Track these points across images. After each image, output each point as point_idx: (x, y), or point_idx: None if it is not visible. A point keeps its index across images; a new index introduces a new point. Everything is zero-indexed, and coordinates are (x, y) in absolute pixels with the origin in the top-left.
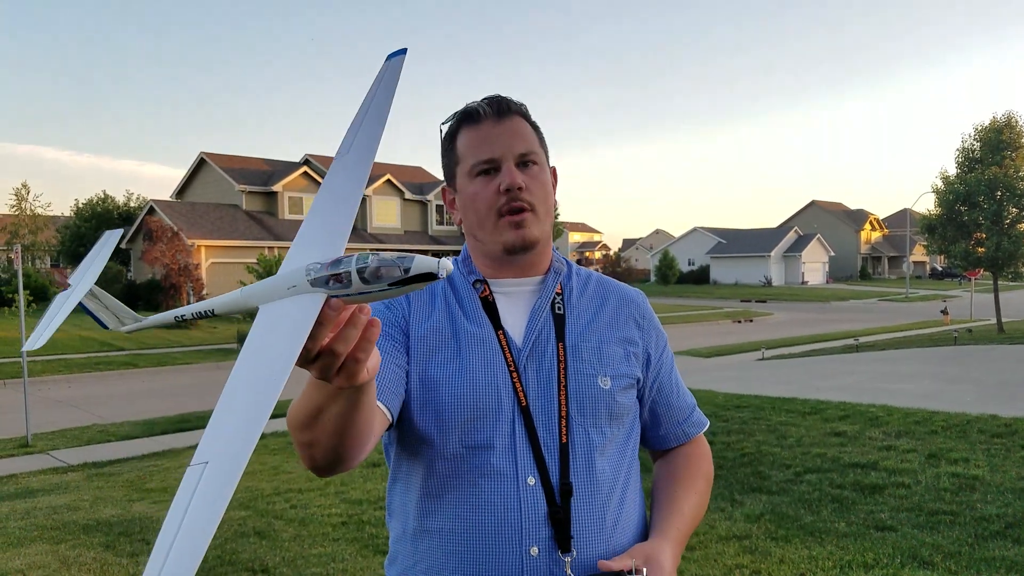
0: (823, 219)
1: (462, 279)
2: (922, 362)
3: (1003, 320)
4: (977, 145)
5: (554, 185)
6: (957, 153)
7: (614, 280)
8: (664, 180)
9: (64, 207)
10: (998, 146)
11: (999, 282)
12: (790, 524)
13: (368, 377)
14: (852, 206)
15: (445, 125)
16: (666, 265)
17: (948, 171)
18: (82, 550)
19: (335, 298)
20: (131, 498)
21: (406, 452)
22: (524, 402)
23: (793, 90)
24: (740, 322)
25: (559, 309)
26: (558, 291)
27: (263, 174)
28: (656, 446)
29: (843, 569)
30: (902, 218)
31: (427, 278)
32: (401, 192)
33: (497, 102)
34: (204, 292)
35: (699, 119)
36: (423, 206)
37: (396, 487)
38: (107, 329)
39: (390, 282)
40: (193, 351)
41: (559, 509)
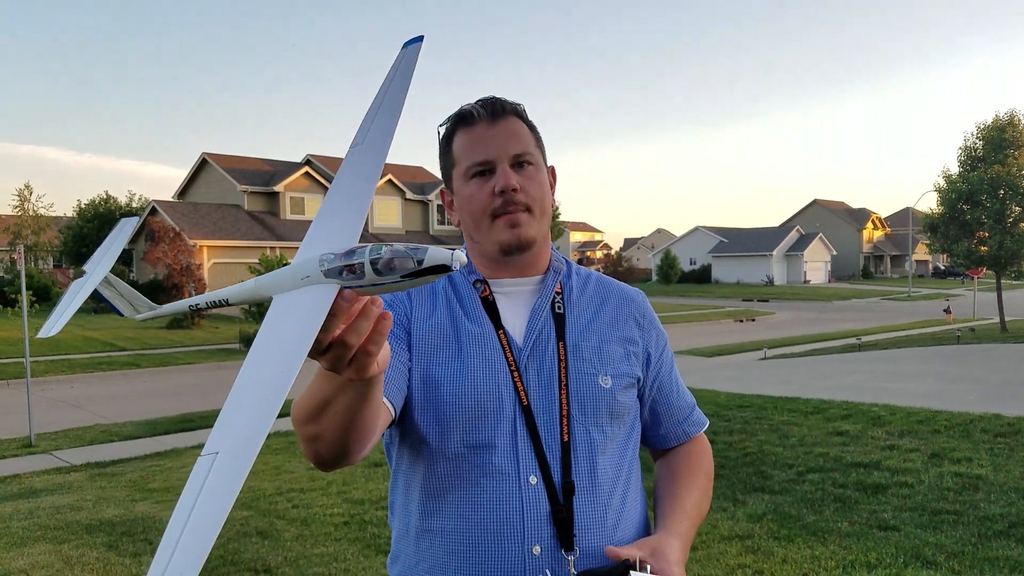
0: (825, 218)
1: (462, 279)
2: (925, 361)
3: (1006, 319)
4: (980, 143)
5: (553, 184)
6: (959, 151)
7: (614, 279)
8: (665, 179)
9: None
10: (1001, 144)
11: (1002, 281)
12: (792, 524)
13: (378, 370)
14: (854, 205)
15: (442, 128)
16: (668, 264)
17: (950, 170)
18: (85, 550)
19: (348, 289)
20: (134, 498)
21: (407, 451)
22: (525, 401)
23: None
24: (742, 321)
25: (559, 308)
26: (558, 290)
27: (265, 174)
28: (656, 445)
29: (846, 569)
30: (904, 217)
31: (440, 270)
32: (402, 192)
33: (491, 103)
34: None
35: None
36: (424, 206)
37: (398, 486)
38: (122, 316)
39: (403, 274)
40: (195, 351)
41: (561, 508)
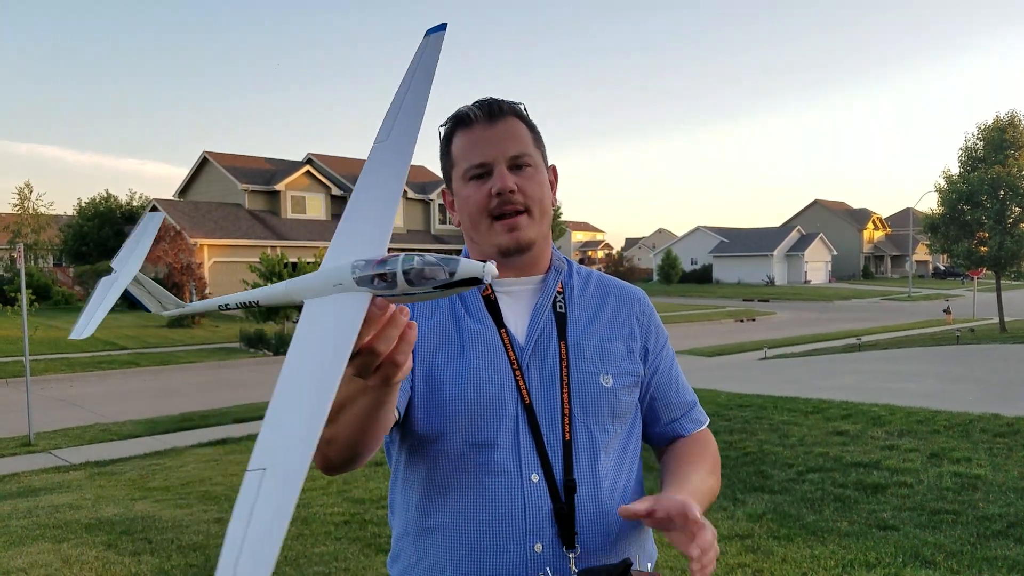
0: (826, 218)
1: None
2: (924, 361)
3: (1006, 319)
4: (980, 144)
5: (554, 183)
6: (960, 152)
7: (615, 278)
8: (666, 179)
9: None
10: (1001, 145)
11: (1002, 281)
12: (792, 523)
13: (402, 377)
14: (855, 205)
15: (442, 128)
16: (669, 264)
17: (951, 170)
18: (84, 549)
19: (380, 297)
20: (133, 497)
21: (408, 450)
22: (527, 400)
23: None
24: (742, 321)
25: (561, 307)
26: (559, 290)
27: (266, 173)
28: (657, 442)
29: (845, 568)
30: (905, 217)
31: (472, 282)
32: (404, 191)
33: (488, 105)
34: (207, 291)
35: (699, 119)
36: (426, 205)
37: (398, 485)
38: (150, 312)
39: (435, 285)
40: (195, 350)
41: (563, 506)
